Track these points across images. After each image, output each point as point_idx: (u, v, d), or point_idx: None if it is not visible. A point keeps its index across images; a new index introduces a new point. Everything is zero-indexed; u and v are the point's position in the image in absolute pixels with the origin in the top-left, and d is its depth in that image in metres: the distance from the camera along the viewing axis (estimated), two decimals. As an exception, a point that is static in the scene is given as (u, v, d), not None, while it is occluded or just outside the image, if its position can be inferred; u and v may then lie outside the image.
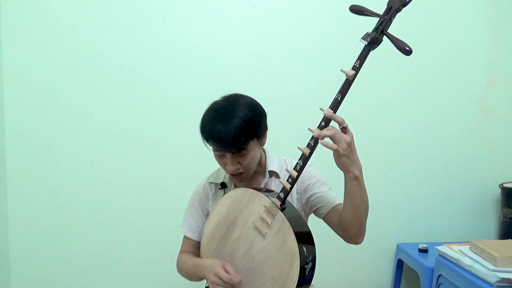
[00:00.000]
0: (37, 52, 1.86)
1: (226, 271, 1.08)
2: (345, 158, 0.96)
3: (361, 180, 1.02)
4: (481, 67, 2.12)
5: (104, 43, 1.89)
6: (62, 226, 1.93)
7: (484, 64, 2.12)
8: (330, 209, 1.20)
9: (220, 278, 1.07)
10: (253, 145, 1.14)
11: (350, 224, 1.09)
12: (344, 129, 0.97)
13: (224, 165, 1.18)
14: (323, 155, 1.24)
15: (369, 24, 0.97)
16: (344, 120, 0.96)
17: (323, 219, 1.24)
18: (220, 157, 1.17)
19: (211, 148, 1.17)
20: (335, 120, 0.96)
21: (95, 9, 1.88)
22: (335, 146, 0.94)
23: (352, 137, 0.97)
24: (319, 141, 0.95)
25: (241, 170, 1.16)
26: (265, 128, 1.21)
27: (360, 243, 1.15)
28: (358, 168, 1.00)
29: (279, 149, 1.36)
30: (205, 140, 1.15)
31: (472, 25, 2.10)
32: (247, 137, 1.11)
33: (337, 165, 0.99)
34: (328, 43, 2.00)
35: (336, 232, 1.20)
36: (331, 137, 0.94)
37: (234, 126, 1.08)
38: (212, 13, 1.94)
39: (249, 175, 1.21)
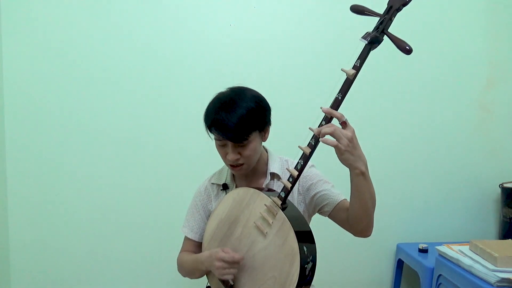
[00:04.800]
0: (37, 53, 1.86)
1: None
2: (348, 154, 0.95)
3: (367, 175, 1.01)
4: (481, 67, 2.12)
5: (104, 44, 1.89)
6: (62, 226, 1.92)
7: (484, 64, 2.12)
8: (335, 206, 1.19)
9: (224, 261, 1.07)
10: (254, 136, 1.14)
11: (359, 219, 1.09)
12: (344, 124, 0.96)
13: (224, 155, 1.17)
14: (326, 155, 1.24)
15: (370, 23, 0.97)
16: (343, 115, 0.95)
17: (328, 216, 1.22)
18: (221, 147, 1.17)
19: (213, 137, 1.17)
20: (334, 116, 0.95)
21: (95, 10, 1.88)
22: (335, 142, 0.94)
23: (353, 132, 0.96)
24: (320, 139, 0.95)
25: (241, 161, 1.16)
26: (269, 122, 1.21)
27: (369, 235, 1.14)
28: (363, 163, 0.99)
29: (279, 148, 1.36)
30: (207, 128, 1.16)
31: (472, 25, 2.10)
32: (249, 127, 1.11)
33: (341, 162, 0.98)
34: (328, 43, 2.00)
35: (343, 228, 1.19)
36: (331, 134, 0.94)
37: (237, 115, 1.09)
38: (212, 13, 1.94)
39: (249, 168, 1.20)
